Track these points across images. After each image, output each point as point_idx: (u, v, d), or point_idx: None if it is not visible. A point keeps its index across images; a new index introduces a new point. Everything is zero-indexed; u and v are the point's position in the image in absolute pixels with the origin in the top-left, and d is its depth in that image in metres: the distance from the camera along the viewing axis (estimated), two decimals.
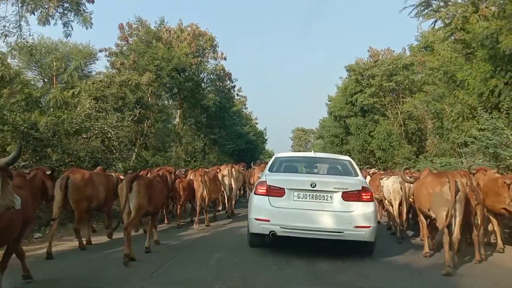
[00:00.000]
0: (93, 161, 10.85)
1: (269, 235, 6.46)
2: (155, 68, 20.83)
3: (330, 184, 6.58)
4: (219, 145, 30.78)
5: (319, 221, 6.34)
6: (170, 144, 26.81)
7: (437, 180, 6.14)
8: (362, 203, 6.41)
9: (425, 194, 6.31)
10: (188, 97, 26.20)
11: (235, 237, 8.24)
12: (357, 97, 26.46)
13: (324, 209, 6.39)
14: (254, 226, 6.61)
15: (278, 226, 6.35)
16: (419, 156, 23.11)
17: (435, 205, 6.04)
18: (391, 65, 25.17)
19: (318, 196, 6.45)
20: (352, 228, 6.27)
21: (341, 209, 6.38)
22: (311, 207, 6.40)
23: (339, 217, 6.35)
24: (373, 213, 6.45)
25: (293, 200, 6.47)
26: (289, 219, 6.38)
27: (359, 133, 27.40)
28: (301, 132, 71.93)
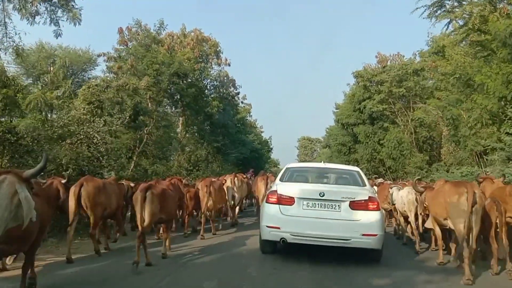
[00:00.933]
0: (78, 169, 9.74)
1: (280, 241, 6.72)
2: (154, 72, 19.80)
3: (338, 193, 6.78)
4: (222, 153, 29.60)
5: (328, 229, 6.53)
6: (172, 153, 25.76)
7: (455, 189, 6.06)
8: (369, 212, 6.58)
9: (442, 203, 6.25)
10: (191, 104, 25.17)
11: (240, 246, 8.25)
12: (365, 104, 25.27)
13: (332, 217, 6.58)
14: (266, 233, 6.89)
15: (288, 233, 6.58)
16: (431, 165, 21.85)
17: (452, 216, 6.01)
18: (400, 71, 24.00)
19: (327, 205, 6.65)
20: (359, 236, 6.44)
21: (349, 218, 6.56)
22: (319, 216, 6.60)
23: (347, 225, 6.53)
24: (380, 222, 6.64)
25: (302, 209, 6.69)
26: (298, 227, 6.59)
27: (368, 141, 26.14)
28: (307, 141, 70.64)
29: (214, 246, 8.26)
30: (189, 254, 7.35)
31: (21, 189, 3.58)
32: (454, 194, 5.95)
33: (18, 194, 3.56)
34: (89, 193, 6.71)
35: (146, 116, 20.19)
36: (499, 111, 13.28)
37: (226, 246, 8.30)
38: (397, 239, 9.58)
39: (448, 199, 6.05)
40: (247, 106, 35.96)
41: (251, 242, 8.36)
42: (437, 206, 6.47)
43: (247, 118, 38.07)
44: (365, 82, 25.52)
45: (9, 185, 3.56)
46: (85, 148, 10.17)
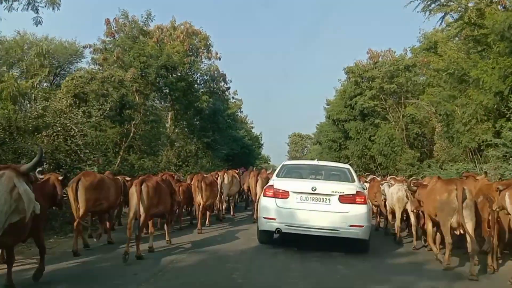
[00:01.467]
0: (54, 163, 9.03)
1: (275, 231, 7.27)
2: (142, 65, 19.03)
3: (328, 188, 7.31)
4: (212, 149, 28.91)
5: (319, 220, 7.07)
6: (160, 148, 25.03)
7: (445, 187, 6.15)
8: (357, 205, 7.13)
9: (433, 201, 6.33)
10: (180, 98, 24.43)
11: (232, 240, 8.38)
12: (357, 100, 24.76)
13: (323, 210, 7.12)
14: (263, 224, 7.46)
15: (283, 224, 7.15)
16: (422, 162, 21.44)
17: (441, 213, 6.07)
18: (392, 66, 23.51)
19: (318, 198, 7.21)
20: (347, 227, 6.99)
21: (338, 210, 7.09)
22: (311, 208, 7.16)
23: (336, 217, 7.06)
24: (366, 214, 7.18)
25: (296, 202, 7.26)
26: (292, 218, 7.15)
27: (359, 137, 25.66)
28: (297, 138, 70.20)
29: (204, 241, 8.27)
30: (179, 250, 7.33)
31: (19, 183, 3.64)
32: (444, 191, 6.03)
33: (17, 188, 3.62)
34: (85, 187, 6.76)
35: (132, 109, 19.45)
36: (495, 106, 12.81)
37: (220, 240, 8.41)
38: (385, 234, 9.74)
39: (438, 196, 6.14)
40: (238, 101, 35.31)
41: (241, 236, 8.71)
42: (430, 204, 6.51)
43: (238, 114, 37.43)
44: (357, 78, 24.99)
45: (7, 180, 3.62)
46: (62, 141, 9.41)
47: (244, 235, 8.85)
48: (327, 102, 34.45)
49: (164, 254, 6.83)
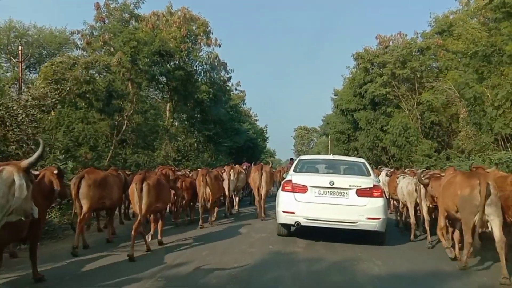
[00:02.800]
0: None
1: (294, 224, 7.31)
2: (132, 50, 17.03)
3: (346, 182, 7.35)
4: (214, 142, 26.94)
5: (337, 214, 7.11)
6: (157, 141, 23.14)
7: (467, 181, 5.54)
8: (373, 198, 7.15)
9: (453, 195, 5.79)
10: (179, 89, 22.47)
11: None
12: (367, 87, 22.55)
13: (341, 203, 7.16)
14: (282, 217, 7.47)
15: (302, 217, 7.19)
16: (440, 153, 19.29)
17: (463, 210, 5.54)
18: (404, 50, 21.26)
19: (336, 192, 7.25)
20: (364, 219, 7.00)
21: (355, 203, 7.11)
22: (330, 202, 7.19)
23: (354, 210, 7.07)
24: (383, 207, 7.18)
25: (314, 196, 7.29)
26: (311, 212, 7.19)
27: (370, 128, 23.49)
28: (303, 131, 68.09)
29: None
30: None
31: (18, 178, 3.51)
32: (466, 186, 5.46)
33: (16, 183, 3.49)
34: (88, 185, 6.55)
35: (122, 99, 17.49)
36: None
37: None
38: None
39: (459, 191, 5.55)
40: (241, 93, 33.19)
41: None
42: (449, 198, 5.94)
43: (241, 106, 35.32)
44: (366, 64, 22.77)
45: (6, 174, 3.50)
46: (3, 128, 7.33)
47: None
48: (334, 92, 32.33)
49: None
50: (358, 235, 7.25)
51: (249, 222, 9.72)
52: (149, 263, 5.65)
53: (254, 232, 8.30)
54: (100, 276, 5.13)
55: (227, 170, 11.32)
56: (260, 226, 9.17)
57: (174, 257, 6.10)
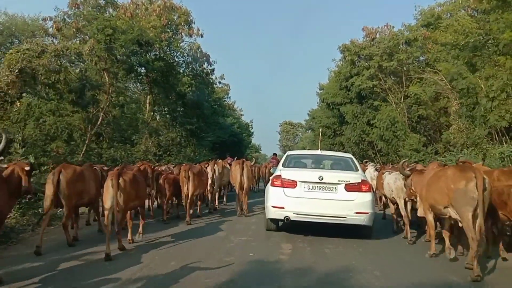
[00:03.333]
0: None
1: (284, 219, 7.31)
2: (107, 38, 15.87)
3: (335, 177, 7.40)
4: (197, 137, 25.90)
5: (326, 208, 7.14)
6: (137, 135, 22.04)
7: (462, 175, 5.26)
8: (362, 193, 7.22)
9: (443, 190, 5.44)
10: (159, 80, 21.36)
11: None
12: (353, 81, 21.83)
13: (330, 198, 7.21)
14: (271, 212, 7.48)
15: (291, 212, 7.21)
16: (428, 147, 18.71)
17: (458, 204, 5.20)
18: (391, 41, 20.55)
19: (325, 187, 7.29)
20: (353, 214, 7.05)
21: (344, 198, 7.17)
22: (319, 197, 7.24)
23: (343, 205, 7.12)
24: (371, 202, 7.27)
25: (304, 191, 7.32)
26: (300, 206, 7.21)
27: (356, 122, 22.81)
28: (288, 126, 67.37)
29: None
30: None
31: None
32: (461, 179, 5.23)
33: None
34: (68, 181, 6.25)
35: (97, 90, 16.36)
36: None
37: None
38: None
39: (452, 185, 5.30)
40: (225, 86, 32.15)
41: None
42: (436, 193, 5.65)
43: (225, 100, 34.31)
44: (353, 57, 22.03)
45: None
46: None
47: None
48: (320, 87, 31.61)
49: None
50: (346, 232, 7.25)
51: (230, 219, 9.39)
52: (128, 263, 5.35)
53: (233, 235, 7.52)
54: (75, 276, 4.84)
55: (211, 165, 11.04)
56: (242, 227, 8.42)
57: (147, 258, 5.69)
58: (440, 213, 5.72)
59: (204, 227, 8.37)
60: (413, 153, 18.25)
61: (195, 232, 7.74)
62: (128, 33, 17.47)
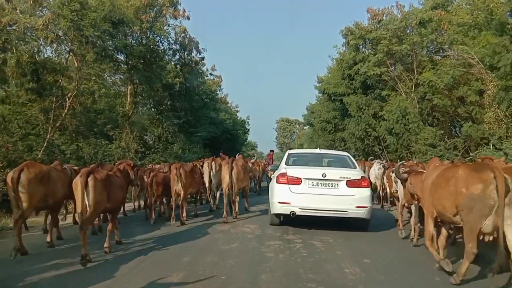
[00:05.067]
0: None
1: (290, 214, 7.77)
2: (73, 14, 13.13)
3: (337, 174, 7.89)
4: (185, 132, 23.22)
5: (329, 203, 7.64)
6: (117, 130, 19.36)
7: (476, 175, 4.35)
8: (362, 188, 7.73)
9: (453, 194, 4.55)
10: (140, 68, 18.67)
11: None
12: (358, 67, 19.12)
13: (332, 193, 7.70)
14: (277, 208, 7.93)
15: (297, 207, 7.69)
16: (446, 141, 16.08)
17: (468, 211, 4.32)
18: (403, 22, 17.87)
19: (328, 184, 7.78)
20: (354, 208, 7.56)
21: (346, 194, 7.66)
22: (322, 192, 7.73)
23: (344, 200, 7.62)
24: (369, 197, 7.83)
25: (308, 187, 7.80)
26: (305, 202, 7.69)
27: (361, 114, 20.12)
28: (285, 123, 64.78)
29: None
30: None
31: None
32: (476, 182, 4.25)
33: None
34: (29, 180, 5.75)
35: (60, 76, 13.64)
36: None
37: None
38: None
39: (464, 189, 4.35)
40: (217, 78, 29.44)
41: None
42: (445, 198, 4.69)
43: (217, 93, 31.57)
44: (358, 41, 19.31)
45: None
46: None
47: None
48: (318, 80, 28.89)
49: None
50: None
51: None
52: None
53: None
54: None
55: (208, 163, 10.63)
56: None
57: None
58: (450, 221, 4.91)
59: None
60: (429, 149, 15.63)
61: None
62: (99, 10, 14.75)
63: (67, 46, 13.93)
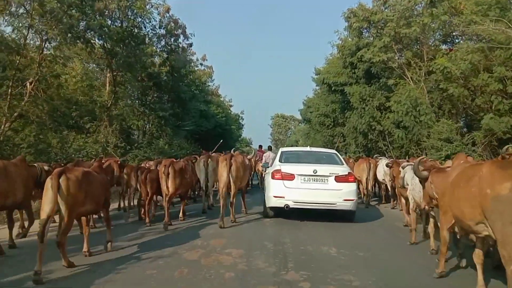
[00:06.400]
0: None
1: (284, 207, 8.30)
2: None
3: (326, 170, 8.50)
4: (172, 126, 21.01)
5: (319, 197, 8.25)
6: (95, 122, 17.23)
7: (505, 174, 3.60)
8: (348, 183, 8.38)
9: (474, 197, 3.81)
10: (117, 52, 16.46)
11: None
12: (362, 54, 16.94)
13: (323, 188, 8.30)
14: (273, 201, 8.46)
15: (291, 201, 8.24)
16: (464, 136, 14.02)
17: (496, 218, 3.56)
18: (412, 1, 15.70)
19: (318, 179, 8.38)
20: (342, 201, 8.23)
21: (334, 188, 8.28)
22: (313, 187, 8.32)
23: (333, 194, 8.24)
24: (355, 191, 8.60)
25: (300, 182, 8.38)
26: (298, 196, 8.26)
27: (364, 106, 17.96)
28: (281, 119, 62.62)
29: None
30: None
31: None
32: (503, 181, 3.53)
33: None
34: None
35: (14, 55, 11.38)
36: None
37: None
38: None
39: (489, 189, 3.61)
40: (207, 69, 27.16)
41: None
42: (464, 202, 3.99)
43: (209, 84, 29.32)
44: (361, 23, 17.13)
45: None
46: None
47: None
48: (316, 72, 26.69)
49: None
50: None
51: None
52: None
53: None
54: None
55: (203, 160, 9.92)
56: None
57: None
58: (470, 230, 4.09)
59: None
60: (444, 144, 13.51)
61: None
62: None
63: (27, 21, 11.65)
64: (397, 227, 8.47)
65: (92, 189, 5.37)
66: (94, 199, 5.46)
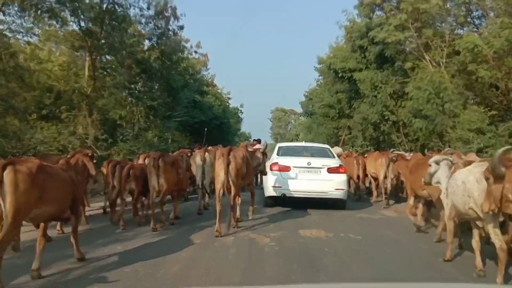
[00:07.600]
0: None
1: (281, 196, 8.78)
2: None
3: (319, 162, 9.05)
4: (162, 117, 18.72)
5: (313, 186, 8.80)
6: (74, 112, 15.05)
7: None
8: (340, 174, 8.92)
9: None
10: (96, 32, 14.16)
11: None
12: (375, 33, 14.58)
13: (316, 178, 8.85)
14: (271, 191, 8.90)
15: (287, 190, 8.72)
16: (498, 127, 11.73)
17: None
18: None
19: (312, 170, 8.93)
20: (333, 190, 8.74)
21: (327, 178, 8.81)
22: (308, 178, 8.86)
23: (325, 183, 8.76)
24: (346, 181, 9.14)
25: (296, 173, 8.86)
26: (294, 186, 8.74)
27: (376, 94, 15.64)
28: (281, 113, 60.23)
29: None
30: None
31: None
32: None
33: None
34: None
35: None
36: None
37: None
38: None
39: None
40: (202, 57, 24.78)
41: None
42: None
43: (204, 74, 26.94)
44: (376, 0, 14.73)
45: None
46: None
47: None
48: (319, 61, 24.28)
49: None
50: None
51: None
52: None
53: None
54: None
55: (200, 154, 8.85)
56: None
57: None
58: None
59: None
60: (475, 136, 11.24)
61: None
62: None
63: None
64: None
65: (53, 187, 4.18)
66: (55, 201, 4.28)
